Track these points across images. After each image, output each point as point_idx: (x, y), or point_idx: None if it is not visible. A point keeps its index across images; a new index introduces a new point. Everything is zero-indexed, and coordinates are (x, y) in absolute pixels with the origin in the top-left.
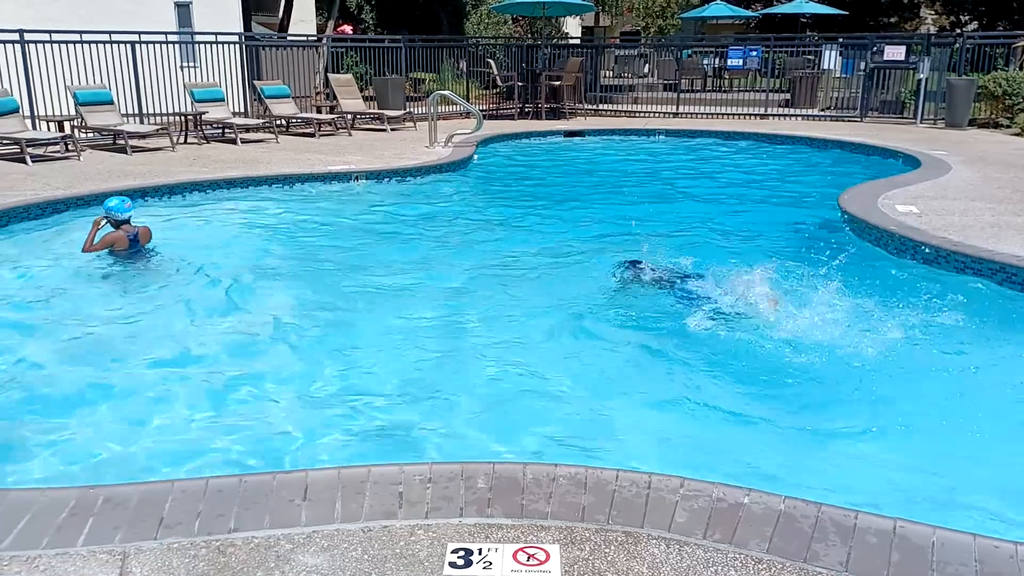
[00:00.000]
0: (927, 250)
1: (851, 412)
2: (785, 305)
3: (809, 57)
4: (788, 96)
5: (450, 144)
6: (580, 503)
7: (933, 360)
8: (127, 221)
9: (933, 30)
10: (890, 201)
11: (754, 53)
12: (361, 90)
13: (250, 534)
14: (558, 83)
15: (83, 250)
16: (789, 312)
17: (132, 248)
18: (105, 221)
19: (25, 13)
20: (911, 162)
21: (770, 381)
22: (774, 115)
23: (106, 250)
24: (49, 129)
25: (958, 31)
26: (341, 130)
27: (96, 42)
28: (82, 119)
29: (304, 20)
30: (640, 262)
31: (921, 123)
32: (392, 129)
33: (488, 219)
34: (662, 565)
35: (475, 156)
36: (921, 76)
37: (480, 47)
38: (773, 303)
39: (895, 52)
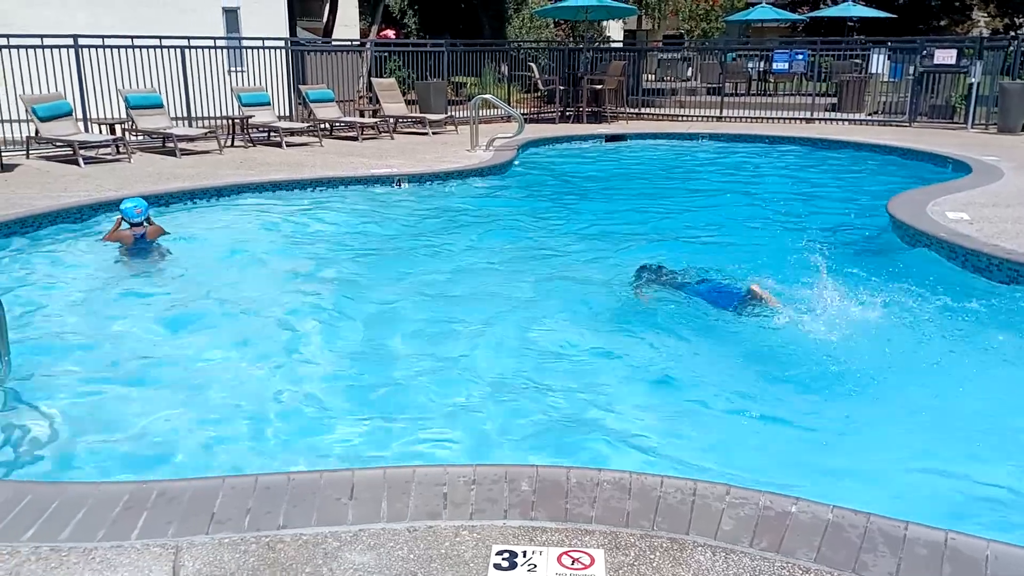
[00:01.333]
0: (978, 258)
1: (892, 422)
2: (781, 301)
3: (857, 61)
4: (835, 100)
5: (491, 148)
6: (624, 508)
7: (985, 372)
8: (139, 224)
9: (986, 33)
10: (940, 207)
11: (800, 57)
12: (403, 94)
13: (298, 531)
14: (600, 87)
15: (103, 239)
16: (831, 318)
17: (138, 245)
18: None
19: (79, 18)
20: (961, 168)
21: (814, 389)
22: (820, 119)
23: (117, 244)
24: (101, 132)
25: (1012, 33)
26: (383, 134)
27: (147, 47)
28: (133, 122)
29: (348, 25)
30: (661, 267)
31: (972, 128)
32: (434, 133)
33: (528, 222)
34: (708, 572)
35: (516, 160)
36: (973, 80)
37: (522, 51)
38: (763, 295)
39: (946, 56)
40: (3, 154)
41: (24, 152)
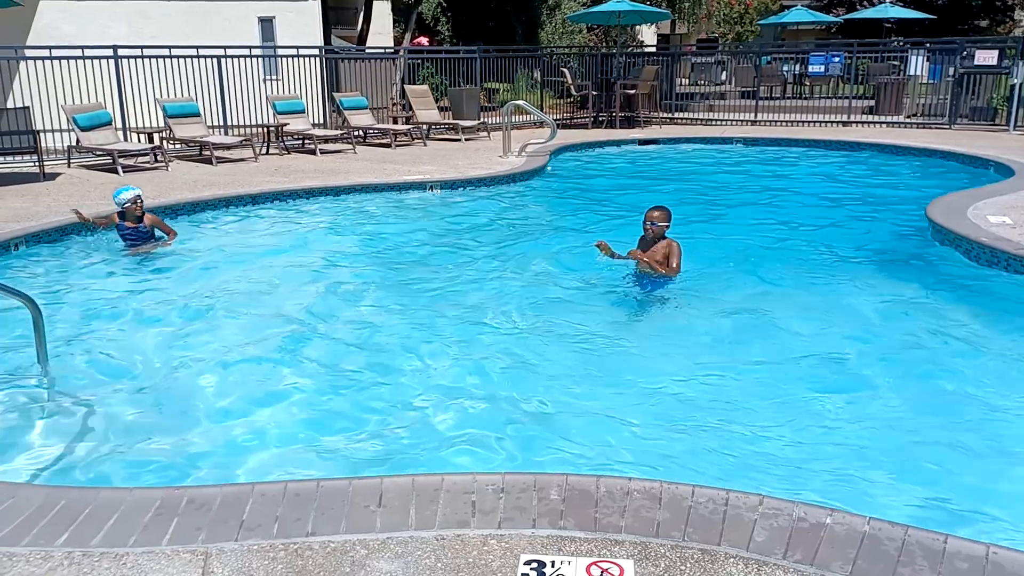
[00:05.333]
0: (1022, 263)
1: (927, 432)
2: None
3: (895, 63)
4: (872, 103)
5: (524, 153)
6: (655, 518)
7: None
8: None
9: None
10: (981, 211)
11: (836, 59)
12: (436, 100)
13: (327, 538)
14: (633, 91)
15: (131, 253)
16: (866, 322)
17: (139, 232)
18: (118, 212)
19: (120, 29)
20: (1003, 171)
21: (853, 395)
22: (857, 122)
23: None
24: (139, 140)
25: None
26: (417, 140)
27: (184, 56)
28: (170, 131)
29: (382, 33)
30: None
31: (1014, 130)
32: (466, 139)
33: (560, 228)
34: None
35: (548, 165)
36: (1015, 81)
37: (554, 56)
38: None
39: (987, 56)
40: (45, 163)
41: (66, 161)
